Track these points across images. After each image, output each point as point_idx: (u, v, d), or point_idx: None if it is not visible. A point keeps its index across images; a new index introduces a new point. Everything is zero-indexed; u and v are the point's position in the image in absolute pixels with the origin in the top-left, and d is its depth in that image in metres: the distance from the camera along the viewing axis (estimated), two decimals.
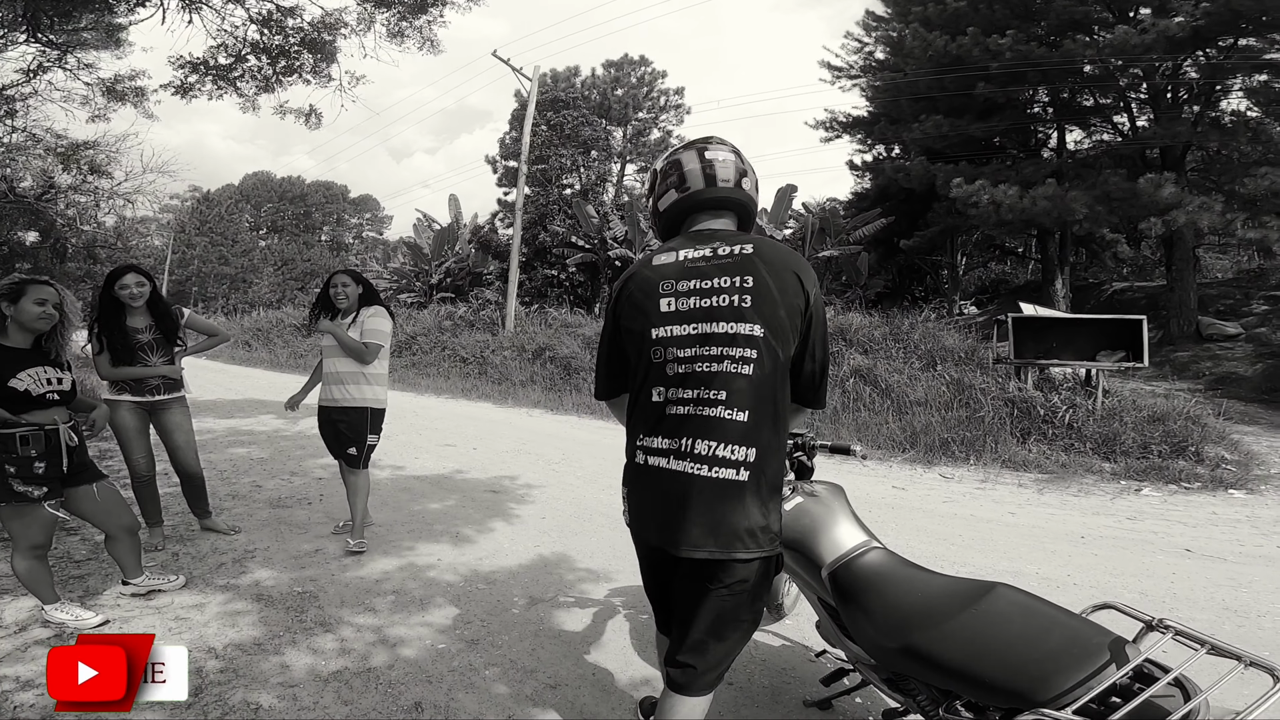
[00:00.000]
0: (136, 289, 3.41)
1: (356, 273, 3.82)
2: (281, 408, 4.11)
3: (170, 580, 3.05)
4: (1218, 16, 10.75)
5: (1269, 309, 13.08)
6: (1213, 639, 1.38)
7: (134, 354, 3.44)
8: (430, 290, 21.38)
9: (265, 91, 9.02)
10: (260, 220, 57.78)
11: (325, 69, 8.92)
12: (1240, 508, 5.01)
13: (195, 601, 2.95)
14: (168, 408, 3.62)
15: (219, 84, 8.86)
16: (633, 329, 1.55)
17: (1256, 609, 3.12)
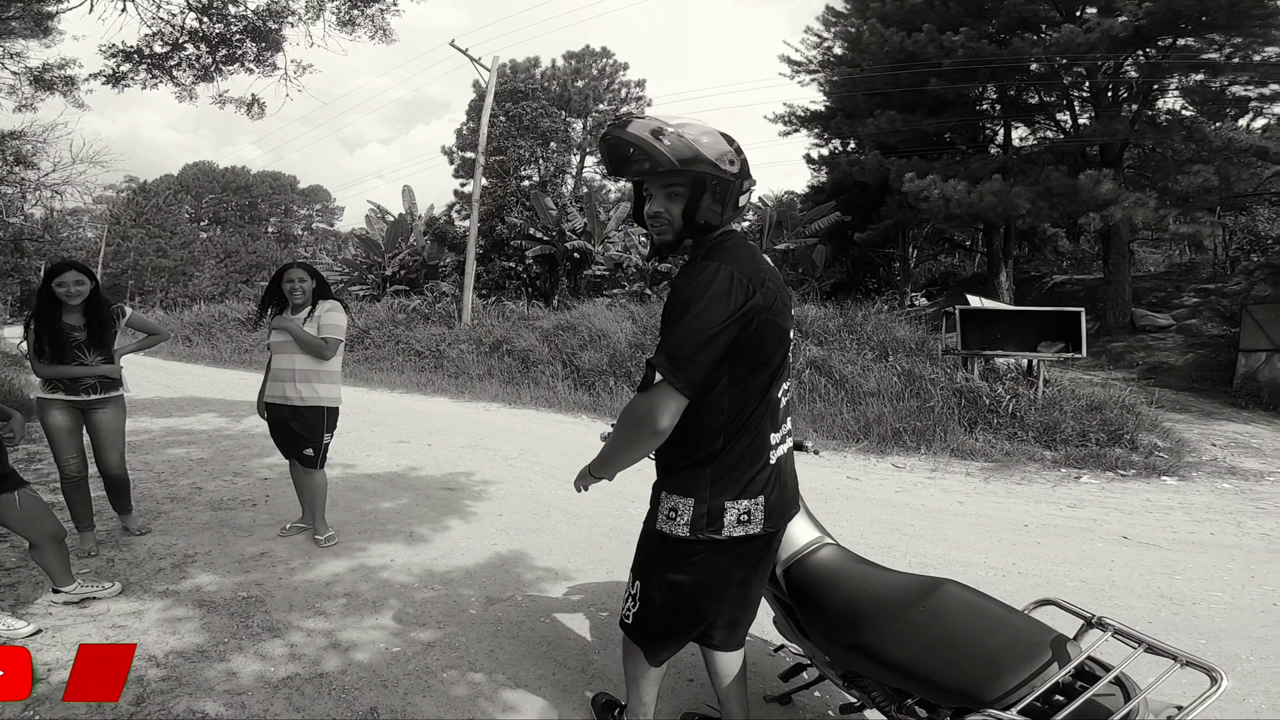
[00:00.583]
0: (75, 287, 3.26)
1: (311, 266, 3.69)
2: (224, 406, 3.96)
3: (105, 587, 2.90)
4: (1159, 16, 11.23)
5: (1199, 301, 13.82)
6: (1150, 638, 1.42)
7: (69, 352, 3.29)
8: (384, 282, 20.86)
9: (204, 81, 8.60)
10: (201, 211, 55.56)
11: (270, 58, 8.55)
12: (1173, 494, 5.26)
13: (133, 608, 2.81)
14: (102, 406, 3.47)
15: (153, 73, 8.41)
16: (781, 325, 1.56)
17: (1191, 596, 3.25)
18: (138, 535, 3.75)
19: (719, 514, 1.56)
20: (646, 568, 1.70)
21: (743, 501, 1.57)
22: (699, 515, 1.56)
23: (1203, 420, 8.48)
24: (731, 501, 1.56)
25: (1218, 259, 17.35)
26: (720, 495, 1.56)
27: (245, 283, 36.76)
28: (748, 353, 1.49)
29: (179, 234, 42.49)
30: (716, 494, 1.56)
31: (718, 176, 1.52)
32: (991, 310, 8.93)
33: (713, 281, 1.44)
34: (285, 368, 3.56)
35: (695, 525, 1.56)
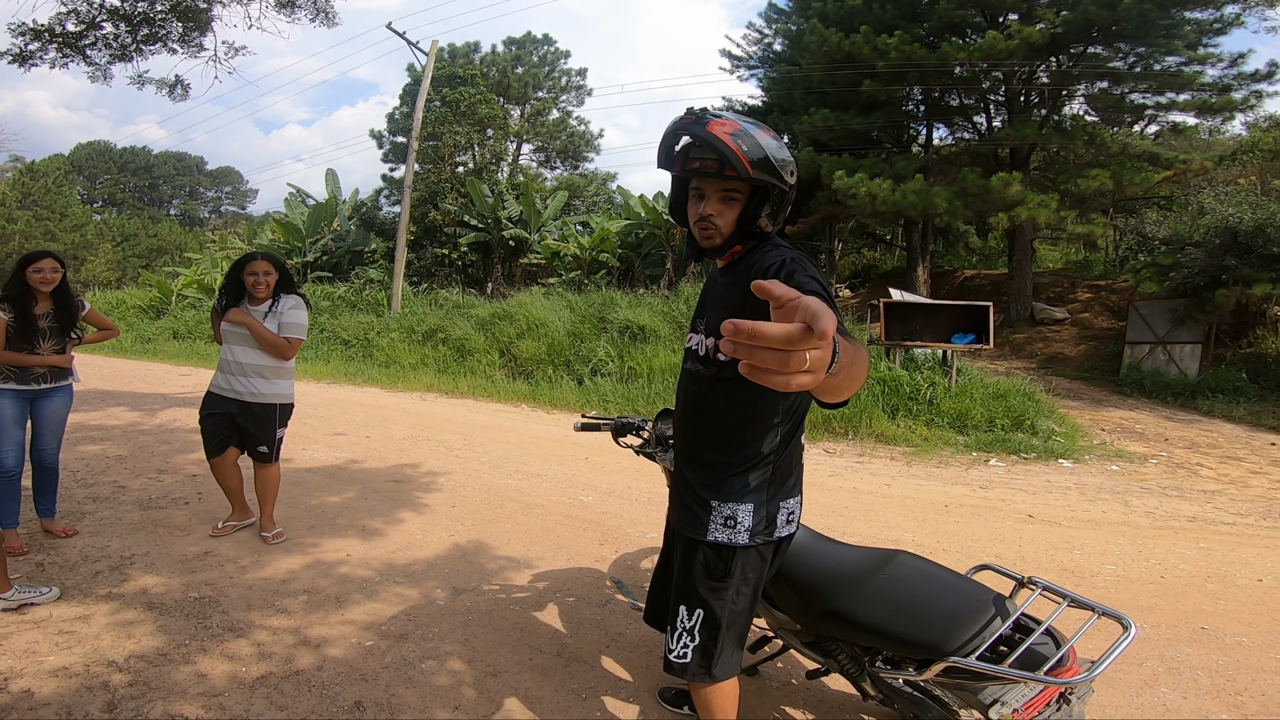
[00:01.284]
0: (51, 274, 3.27)
1: (275, 258, 3.56)
2: (134, 399, 3.81)
3: (43, 592, 2.76)
4: (1075, 25, 12.06)
5: (1091, 297, 15.09)
6: (1073, 594, 1.69)
7: (31, 340, 3.26)
8: (305, 269, 19.91)
9: (121, 60, 7.93)
10: (95, 193, 51.24)
11: (197, 38, 7.97)
12: (1069, 476, 5.80)
13: (78, 614, 2.68)
14: (49, 395, 3.42)
15: (65, 52, 7.69)
16: None
17: (1089, 569, 3.63)
18: (63, 538, 3.55)
19: (774, 516, 1.54)
20: (707, 588, 1.57)
21: (790, 500, 1.58)
22: (759, 520, 1.52)
23: (1094, 407, 9.34)
24: (784, 501, 1.56)
25: (1109, 257, 18.99)
26: (776, 497, 1.55)
27: (145, 267, 34.14)
28: None
29: (70, 216, 38.91)
30: (773, 496, 1.54)
31: (779, 187, 1.47)
32: (911, 303, 9.48)
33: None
34: (239, 361, 3.44)
35: (755, 530, 1.51)
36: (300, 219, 20.63)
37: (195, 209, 56.07)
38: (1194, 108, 13.08)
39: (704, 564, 1.57)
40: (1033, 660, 1.53)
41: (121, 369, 12.68)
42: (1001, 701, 1.58)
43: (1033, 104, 14.43)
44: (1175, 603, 3.18)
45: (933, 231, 17.24)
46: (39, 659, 2.33)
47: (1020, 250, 14.79)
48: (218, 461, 3.61)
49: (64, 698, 2.12)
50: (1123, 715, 2.25)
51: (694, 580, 1.59)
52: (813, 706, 2.28)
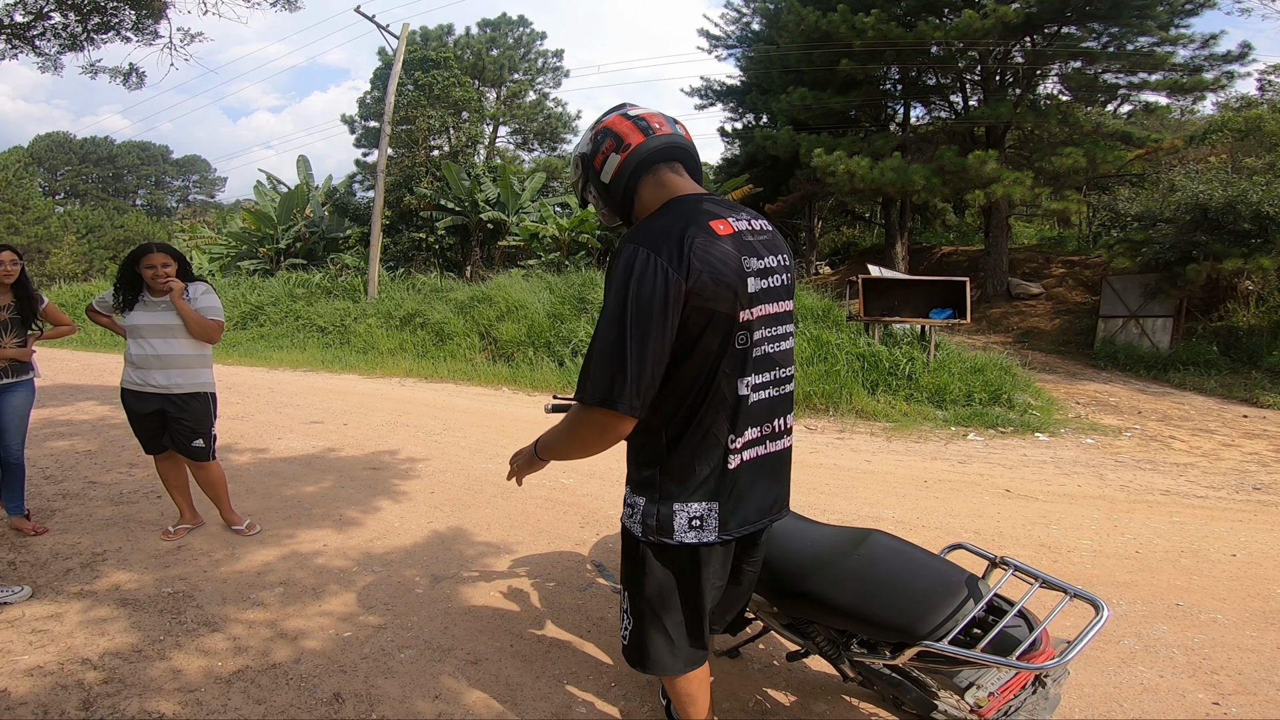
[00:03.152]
0: (10, 266, 3.24)
1: (171, 248, 3.39)
2: (103, 393, 3.72)
3: (15, 591, 2.71)
4: (1049, 4, 12.14)
5: (1066, 271, 15.28)
6: (1045, 575, 1.68)
7: None
8: (278, 256, 19.51)
9: (72, 50, 7.63)
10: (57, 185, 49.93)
11: (151, 26, 7.68)
12: (1045, 450, 5.88)
13: (50, 612, 2.63)
14: (10, 390, 3.36)
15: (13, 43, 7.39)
16: (710, 308, 1.34)
17: (1066, 544, 3.64)
18: (34, 535, 3.47)
19: (669, 518, 1.46)
20: (627, 572, 1.60)
21: (695, 505, 1.45)
22: (649, 516, 1.47)
23: (1068, 380, 9.48)
24: (682, 505, 1.45)
25: (1083, 233, 19.22)
26: (670, 499, 1.45)
27: (112, 259, 33.33)
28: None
29: (32, 209, 37.78)
30: (666, 497, 1.46)
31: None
32: (889, 279, 9.52)
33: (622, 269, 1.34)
34: (160, 353, 3.29)
35: (646, 527, 1.48)
36: (271, 206, 20.18)
37: (162, 199, 55.04)
38: (1166, 88, 13.29)
39: (623, 548, 1.61)
40: (1006, 643, 1.52)
41: (90, 362, 12.38)
42: (977, 685, 1.57)
43: (1008, 83, 14.51)
44: (1151, 579, 3.21)
45: (911, 209, 17.33)
46: (13, 659, 2.29)
47: (996, 227, 14.92)
48: (160, 461, 3.53)
49: (40, 697, 2.08)
50: (1101, 695, 2.27)
51: (622, 563, 1.63)
52: (794, 688, 2.29)
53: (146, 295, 3.33)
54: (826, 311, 9.50)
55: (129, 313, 3.34)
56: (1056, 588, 1.65)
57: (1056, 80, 14.47)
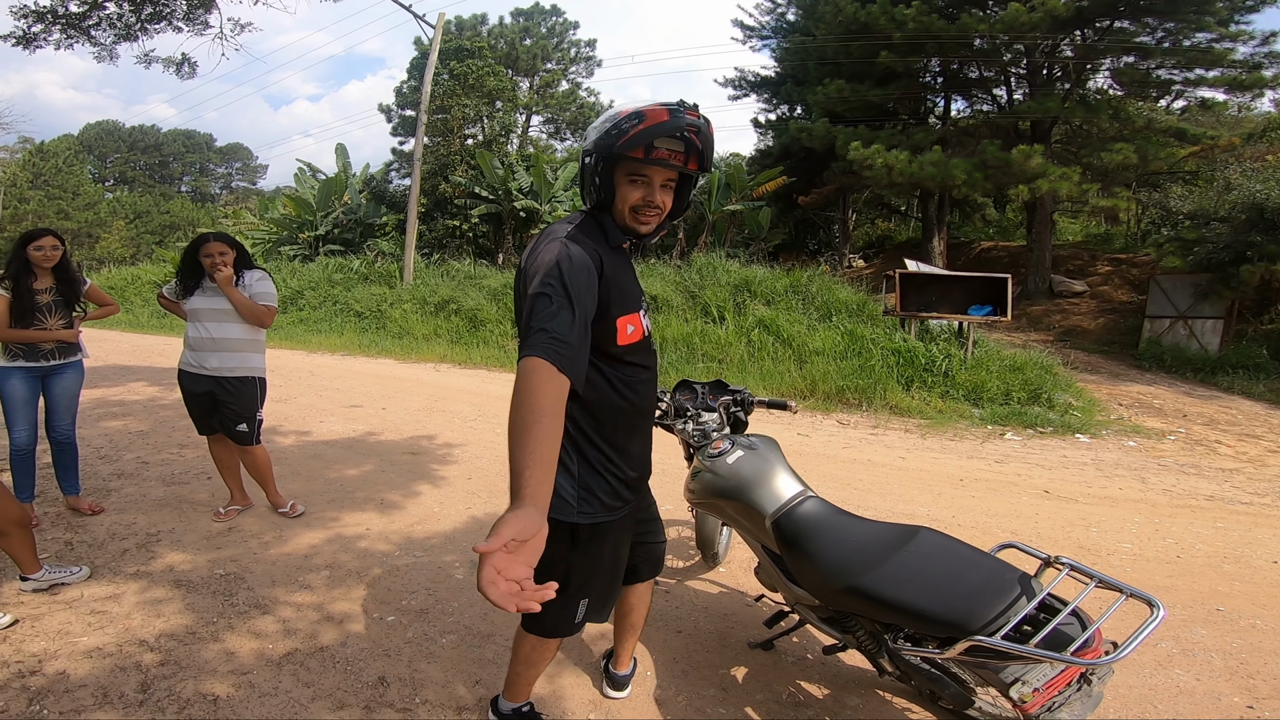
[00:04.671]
0: (51, 251, 3.32)
1: (230, 237, 3.54)
2: (152, 374, 3.85)
3: (74, 572, 2.81)
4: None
5: (1111, 269, 14.83)
6: (1100, 574, 1.66)
7: (33, 316, 3.29)
8: (317, 242, 19.92)
9: (126, 40, 7.87)
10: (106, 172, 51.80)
11: (202, 15, 7.87)
12: (1086, 451, 5.75)
13: (108, 593, 2.74)
14: (60, 371, 3.46)
15: (69, 33, 7.64)
16: None
17: (1106, 547, 3.60)
18: (90, 515, 3.62)
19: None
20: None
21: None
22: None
23: (1111, 381, 9.22)
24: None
25: (1130, 231, 18.59)
26: None
27: (158, 244, 34.40)
28: None
29: (82, 195, 39.17)
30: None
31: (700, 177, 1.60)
32: (927, 274, 9.36)
33: None
34: (215, 336, 3.42)
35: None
36: (310, 193, 20.60)
37: (206, 185, 56.79)
38: (1223, 84, 12.84)
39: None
40: (1058, 640, 1.51)
41: (139, 344, 12.82)
42: (1023, 680, 1.57)
43: (1055, 77, 14.06)
44: (1191, 583, 3.16)
45: (950, 203, 16.96)
46: (73, 640, 2.38)
47: (1040, 223, 14.52)
48: (213, 443, 3.66)
49: (99, 679, 2.16)
50: (1136, 695, 2.25)
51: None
52: (828, 681, 2.30)
53: (207, 282, 3.45)
54: (861, 306, 9.38)
55: (189, 298, 3.47)
56: (1113, 587, 1.63)
57: (1108, 75, 13.98)
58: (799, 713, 2.14)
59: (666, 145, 1.46)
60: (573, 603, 1.71)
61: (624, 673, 2.21)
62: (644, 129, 1.42)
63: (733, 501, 2.11)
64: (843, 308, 9.39)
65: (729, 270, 10.81)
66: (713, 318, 9.80)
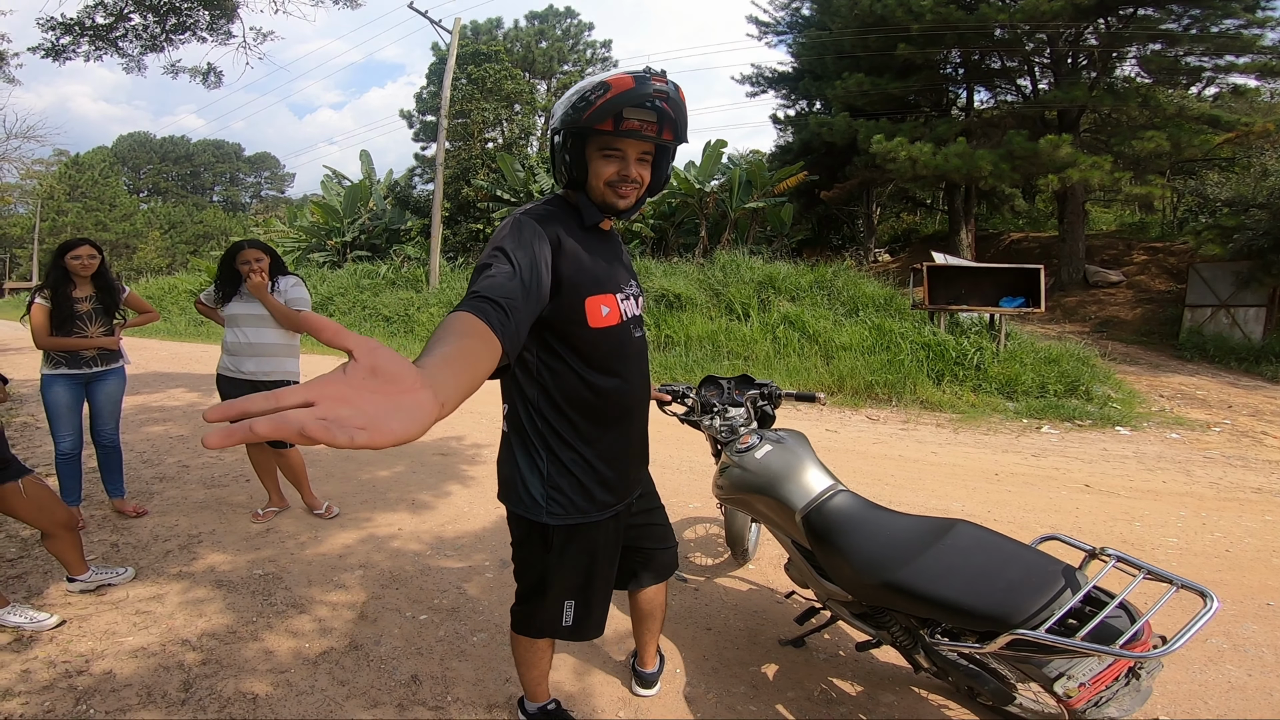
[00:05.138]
0: (88, 260, 3.40)
1: (264, 244, 3.63)
2: (191, 380, 3.94)
3: (119, 573, 2.90)
4: None
5: (1148, 258, 14.41)
6: (1150, 565, 1.60)
7: (73, 324, 3.38)
8: (344, 249, 20.29)
9: (152, 51, 8.12)
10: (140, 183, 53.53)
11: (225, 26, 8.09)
12: (1127, 444, 5.59)
13: (152, 593, 2.81)
14: (103, 377, 3.56)
15: (97, 45, 7.91)
16: None
17: (1150, 541, 3.50)
18: (134, 517, 3.73)
19: None
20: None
21: None
22: None
23: (1151, 372, 8.96)
24: None
25: (1166, 219, 18.04)
26: None
27: (193, 253, 35.38)
28: None
29: (119, 207, 40.47)
30: None
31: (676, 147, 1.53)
32: (956, 267, 9.21)
33: None
34: (253, 342, 3.51)
35: None
36: (337, 200, 20.99)
37: (236, 194, 58.39)
38: (1255, 70, 12.45)
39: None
40: (1106, 634, 1.46)
41: (178, 351, 13.17)
42: (1068, 675, 1.52)
43: (1080, 66, 13.72)
44: (1241, 578, 3.05)
45: (976, 194, 16.65)
46: (119, 640, 2.44)
47: (1072, 212, 14.18)
48: (250, 446, 3.72)
49: (143, 678, 2.21)
50: (1186, 692, 2.18)
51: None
52: (862, 679, 2.27)
53: (244, 288, 3.54)
54: (889, 300, 9.25)
55: (227, 304, 3.56)
56: (1162, 579, 1.56)
57: (1134, 63, 13.59)
58: (831, 710, 2.11)
59: (637, 116, 1.37)
60: (556, 605, 1.69)
61: (650, 671, 2.19)
62: (610, 98, 1.34)
63: (762, 497, 2.09)
64: (869, 302, 9.27)
65: (752, 267, 10.74)
66: (737, 315, 9.75)
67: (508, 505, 1.64)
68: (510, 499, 1.62)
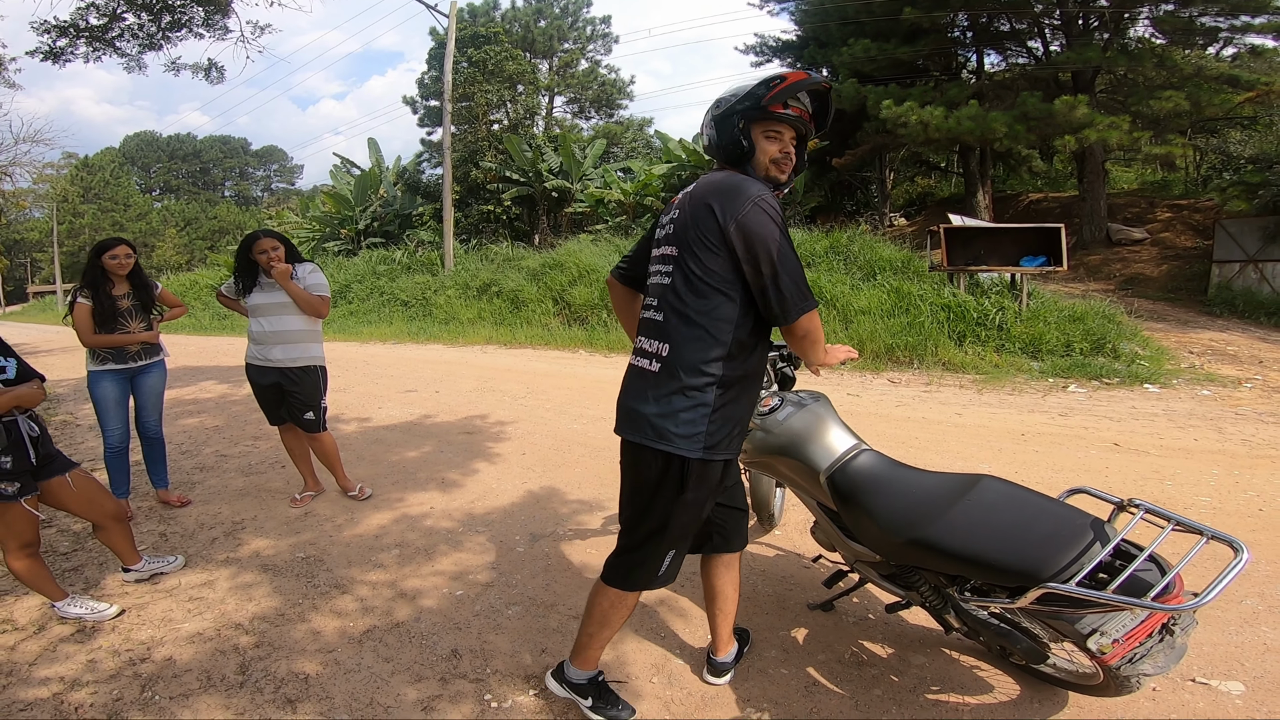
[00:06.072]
0: (125, 259, 3.51)
1: (278, 233, 3.68)
2: (220, 373, 4.04)
3: (170, 561, 3.01)
4: None
5: (1172, 216, 14.03)
6: (1180, 516, 1.58)
7: (115, 321, 3.49)
8: (358, 236, 20.40)
9: (151, 50, 8.14)
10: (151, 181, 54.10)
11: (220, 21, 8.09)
12: (1156, 402, 5.50)
13: (203, 580, 2.92)
14: (146, 371, 3.67)
15: (94, 46, 7.95)
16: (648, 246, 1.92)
17: (1182, 500, 3.44)
18: (179, 507, 3.84)
19: None
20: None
21: None
22: None
23: (1180, 329, 8.78)
24: None
25: (1189, 177, 17.51)
26: None
27: (210, 249, 35.79)
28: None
29: (133, 206, 41.00)
30: None
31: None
32: (973, 228, 9.04)
33: None
34: (276, 330, 3.57)
35: None
36: (348, 189, 21.05)
37: (247, 189, 58.98)
38: (1271, 31, 11.95)
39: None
40: (1137, 587, 1.45)
41: (205, 345, 13.43)
42: (1101, 631, 1.52)
43: (1092, 27, 13.26)
44: (1276, 537, 3.00)
45: (992, 156, 16.26)
46: (175, 626, 2.54)
47: (1091, 172, 13.83)
48: (284, 433, 3.85)
49: (202, 663, 2.30)
50: (1221, 653, 2.17)
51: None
52: (892, 641, 2.29)
53: (263, 278, 3.60)
54: (906, 263, 9.14)
55: (249, 295, 3.63)
56: (1193, 530, 1.54)
57: (1147, 23, 13.11)
58: (862, 672, 2.15)
59: (799, 104, 1.71)
60: (662, 553, 1.76)
61: (724, 659, 2.13)
62: (790, 83, 1.64)
63: (786, 459, 2.09)
64: (886, 266, 9.16)
65: None
66: None
67: (651, 444, 1.66)
68: (657, 436, 1.65)
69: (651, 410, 1.65)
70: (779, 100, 1.64)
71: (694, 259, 1.63)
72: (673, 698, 2.08)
